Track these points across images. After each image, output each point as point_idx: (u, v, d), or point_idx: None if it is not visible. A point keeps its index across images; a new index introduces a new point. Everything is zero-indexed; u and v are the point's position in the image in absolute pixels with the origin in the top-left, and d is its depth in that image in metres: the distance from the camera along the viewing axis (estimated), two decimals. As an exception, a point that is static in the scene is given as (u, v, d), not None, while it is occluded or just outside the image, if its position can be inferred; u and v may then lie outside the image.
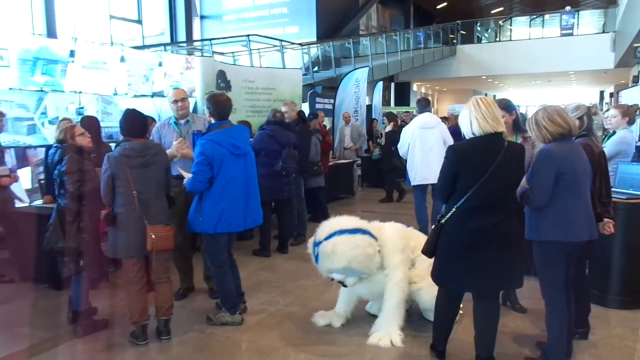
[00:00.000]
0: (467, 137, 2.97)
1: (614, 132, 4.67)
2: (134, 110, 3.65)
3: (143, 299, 3.59)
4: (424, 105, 6.39)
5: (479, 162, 2.87)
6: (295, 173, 6.02)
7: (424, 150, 5.93)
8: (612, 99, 24.16)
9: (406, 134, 6.18)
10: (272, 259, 5.78)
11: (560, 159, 2.95)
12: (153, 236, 3.42)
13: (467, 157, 2.92)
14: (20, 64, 5.72)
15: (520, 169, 3.00)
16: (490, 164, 2.84)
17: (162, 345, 3.58)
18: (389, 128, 9.70)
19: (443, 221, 3.00)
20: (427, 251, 3.14)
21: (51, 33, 11.52)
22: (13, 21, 10.92)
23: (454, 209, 2.95)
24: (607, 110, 4.82)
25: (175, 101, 4.37)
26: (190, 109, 4.75)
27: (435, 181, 3.36)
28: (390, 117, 10.05)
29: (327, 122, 10.86)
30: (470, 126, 2.93)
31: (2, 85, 5.59)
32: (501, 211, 2.91)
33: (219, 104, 3.80)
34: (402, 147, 6.24)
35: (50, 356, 3.46)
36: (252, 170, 3.92)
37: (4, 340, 3.70)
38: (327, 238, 3.55)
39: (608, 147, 4.44)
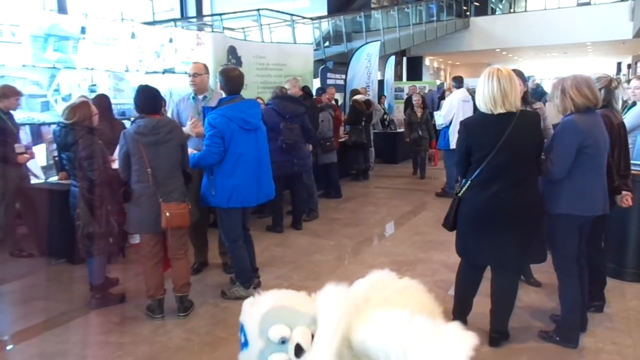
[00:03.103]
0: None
1: (634, 104, 4.56)
2: (147, 86, 3.62)
3: (159, 273, 3.64)
4: (460, 81, 7.71)
5: (489, 135, 2.85)
6: (303, 147, 6.01)
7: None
8: (630, 70, 23.67)
9: (452, 105, 7.28)
10: (286, 234, 5.81)
11: (583, 132, 2.89)
12: (167, 214, 3.44)
13: (477, 130, 2.92)
14: (32, 40, 5.72)
15: (536, 136, 2.95)
16: (501, 135, 2.80)
17: (178, 319, 3.63)
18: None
19: (460, 194, 3.01)
20: (446, 225, 3.15)
21: (62, 9, 11.47)
22: (23, -2, 10.87)
23: (469, 182, 2.95)
24: (627, 81, 4.69)
25: (189, 75, 4.37)
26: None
27: None
28: (354, 92, 9.73)
29: (339, 97, 10.77)
30: (479, 102, 2.91)
31: (15, 62, 5.60)
32: (520, 182, 2.88)
33: (230, 79, 3.76)
34: (447, 116, 7.28)
35: (67, 328, 3.52)
36: (264, 145, 3.90)
37: (23, 313, 3.78)
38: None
39: (629, 119, 4.34)
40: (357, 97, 9.21)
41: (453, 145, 7.16)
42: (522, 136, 2.84)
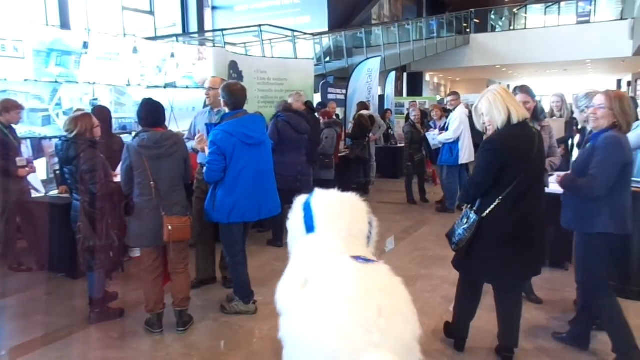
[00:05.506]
0: (500, 126, 2.86)
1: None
2: (150, 100, 3.63)
3: (158, 288, 3.63)
4: (459, 97, 7.71)
5: (523, 150, 2.83)
6: (306, 163, 6.03)
7: (471, 133, 7.07)
8: (630, 87, 23.77)
9: (461, 119, 7.18)
10: (285, 249, 5.74)
11: (627, 149, 2.89)
12: (170, 227, 3.44)
13: (513, 146, 2.82)
14: (35, 55, 5.76)
15: (544, 153, 3.03)
16: (532, 150, 2.83)
17: (177, 334, 3.60)
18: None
19: (484, 214, 2.87)
20: (462, 249, 3.00)
21: (65, 24, 11.56)
22: (27, 13, 10.97)
23: (498, 201, 2.84)
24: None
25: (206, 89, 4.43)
26: None
27: None
28: (361, 105, 9.68)
29: (339, 112, 10.81)
30: (507, 114, 2.83)
31: (17, 76, 5.63)
32: (539, 198, 2.92)
33: (233, 93, 3.78)
34: (457, 132, 7.16)
35: (66, 343, 3.50)
36: (268, 160, 3.90)
37: (21, 328, 3.75)
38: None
39: (630, 139, 4.32)
40: (364, 112, 9.24)
41: (463, 160, 7.22)
42: (541, 152, 2.93)
